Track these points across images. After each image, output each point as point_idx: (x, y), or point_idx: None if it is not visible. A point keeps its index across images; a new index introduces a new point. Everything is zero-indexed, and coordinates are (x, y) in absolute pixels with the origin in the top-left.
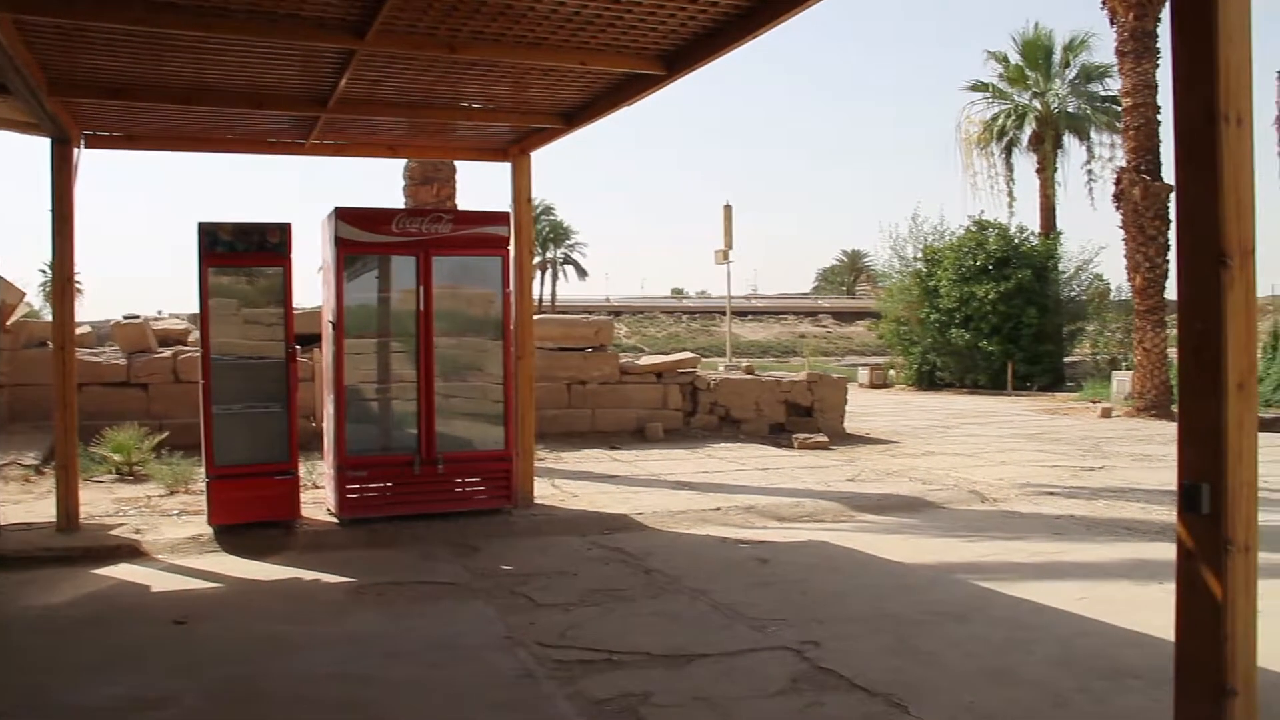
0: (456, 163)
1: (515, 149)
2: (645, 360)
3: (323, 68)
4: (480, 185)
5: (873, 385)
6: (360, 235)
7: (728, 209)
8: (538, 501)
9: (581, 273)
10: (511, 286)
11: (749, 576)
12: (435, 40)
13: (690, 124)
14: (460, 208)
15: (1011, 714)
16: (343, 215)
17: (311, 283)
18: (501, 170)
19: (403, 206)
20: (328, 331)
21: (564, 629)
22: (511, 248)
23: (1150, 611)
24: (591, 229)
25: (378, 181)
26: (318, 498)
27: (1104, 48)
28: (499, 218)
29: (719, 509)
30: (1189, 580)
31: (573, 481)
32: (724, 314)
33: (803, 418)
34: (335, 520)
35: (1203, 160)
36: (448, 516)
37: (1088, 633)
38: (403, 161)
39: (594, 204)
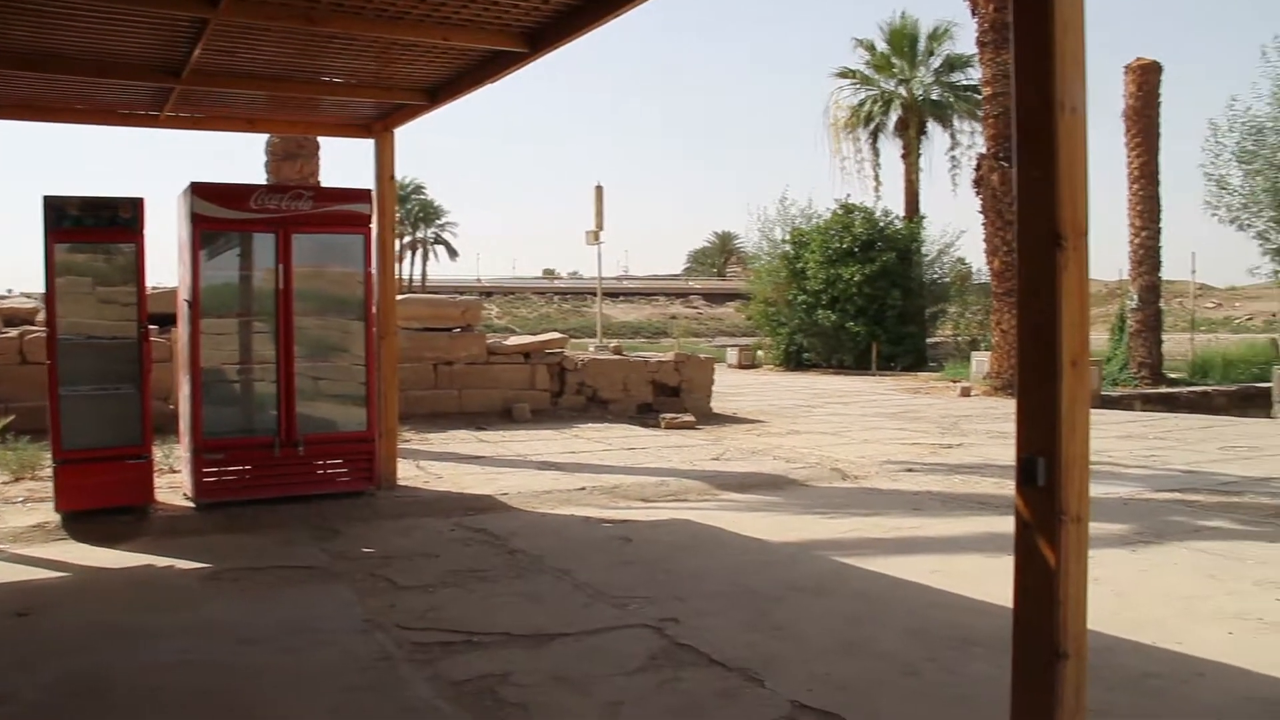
0: (321, 139)
1: (379, 125)
2: (513, 341)
3: (175, 37)
4: (346, 162)
5: (741, 366)
6: (217, 212)
7: (599, 190)
8: (401, 483)
9: (453, 253)
10: (374, 265)
11: (612, 556)
12: (292, 11)
13: (563, 105)
14: (324, 185)
15: (864, 684)
16: (199, 191)
17: (173, 261)
18: (367, 147)
19: (264, 183)
20: (183, 311)
21: (424, 611)
22: (374, 226)
23: (999, 582)
24: (463, 209)
25: (238, 157)
26: (174, 482)
27: (966, 38)
28: (361, 195)
29: (584, 489)
30: (1026, 550)
31: (438, 463)
32: (595, 295)
33: (670, 397)
34: (192, 505)
35: (1040, 146)
36: (309, 499)
37: (939, 604)
38: (265, 137)
39: (466, 184)
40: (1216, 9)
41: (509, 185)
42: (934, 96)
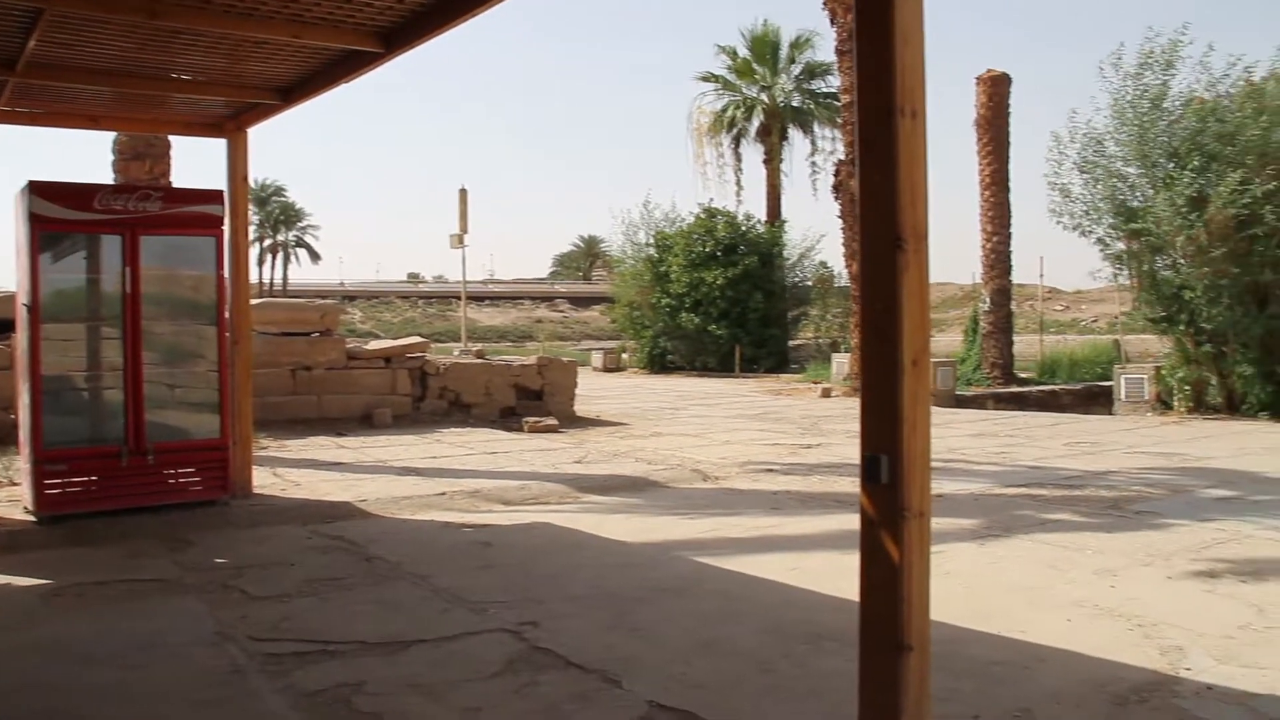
0: (172, 138)
1: (231, 125)
2: (374, 345)
3: (8, 26)
4: (200, 163)
5: (606, 369)
6: (59, 212)
7: (463, 193)
8: (257, 491)
9: (315, 256)
10: (227, 268)
11: (472, 560)
12: (133, 4)
13: (428, 109)
14: (174, 186)
15: (720, 682)
16: (38, 190)
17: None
18: (222, 147)
19: (110, 182)
20: (22, 316)
21: (278, 621)
22: (227, 228)
23: (851, 578)
24: (327, 212)
25: (84, 156)
26: (15, 495)
27: (827, 46)
28: (213, 196)
29: (444, 494)
30: (871, 546)
31: (296, 470)
32: (460, 299)
33: (533, 401)
34: (33, 518)
35: (881, 150)
36: (159, 510)
37: (795, 601)
38: (112, 135)
39: (330, 187)
40: (1067, 25)
41: (374, 189)
42: (795, 103)
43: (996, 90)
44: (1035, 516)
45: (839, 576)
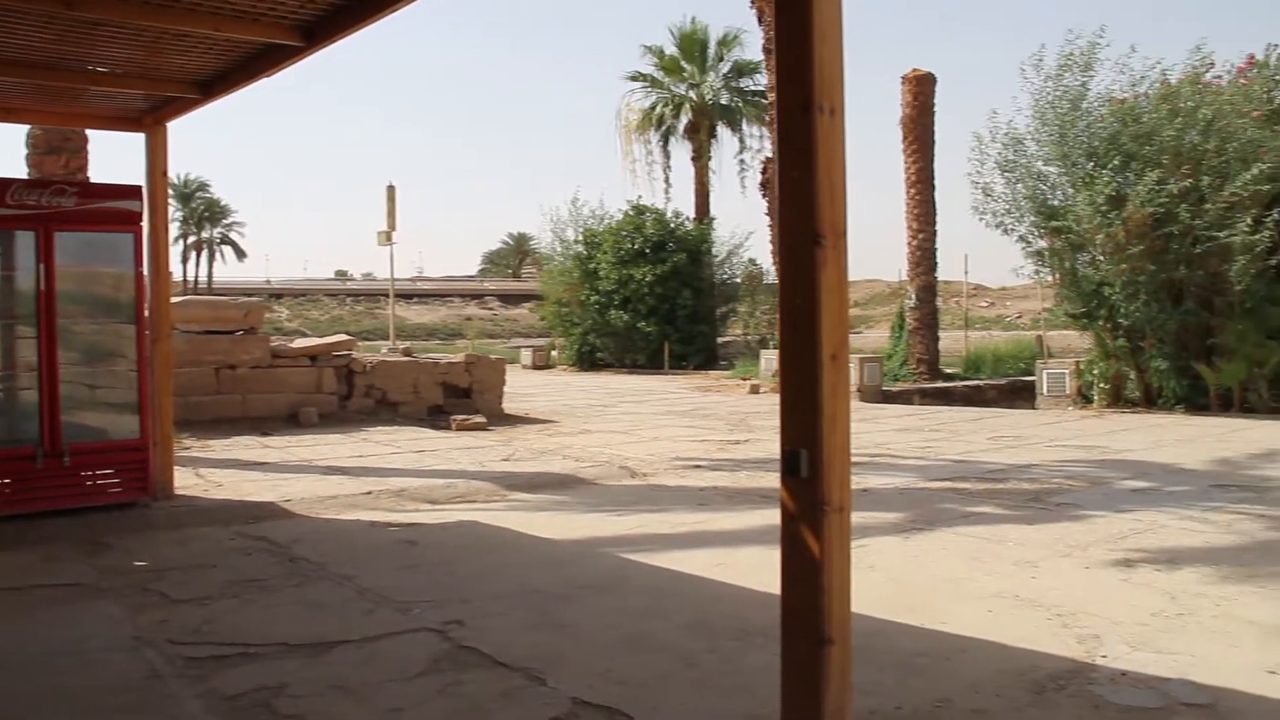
0: (90, 132)
1: (150, 119)
2: (299, 343)
3: None
4: (119, 158)
5: (535, 366)
6: None
7: (391, 190)
8: (179, 492)
9: (240, 253)
10: (146, 265)
11: (397, 560)
12: None
13: (356, 105)
14: (91, 180)
15: (645, 678)
16: None
17: None
18: (141, 141)
19: (23, 177)
20: None
21: (199, 624)
22: (146, 224)
23: (777, 573)
24: (252, 209)
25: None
26: None
27: (755, 44)
28: (131, 191)
29: (370, 493)
30: (791, 540)
31: (219, 470)
32: (389, 297)
33: (462, 399)
34: None
35: (800, 147)
36: (77, 513)
37: (721, 596)
38: (25, 128)
39: (255, 183)
40: (997, 24)
41: (301, 186)
42: (724, 101)
43: (921, 89)
44: (959, 510)
45: (766, 571)
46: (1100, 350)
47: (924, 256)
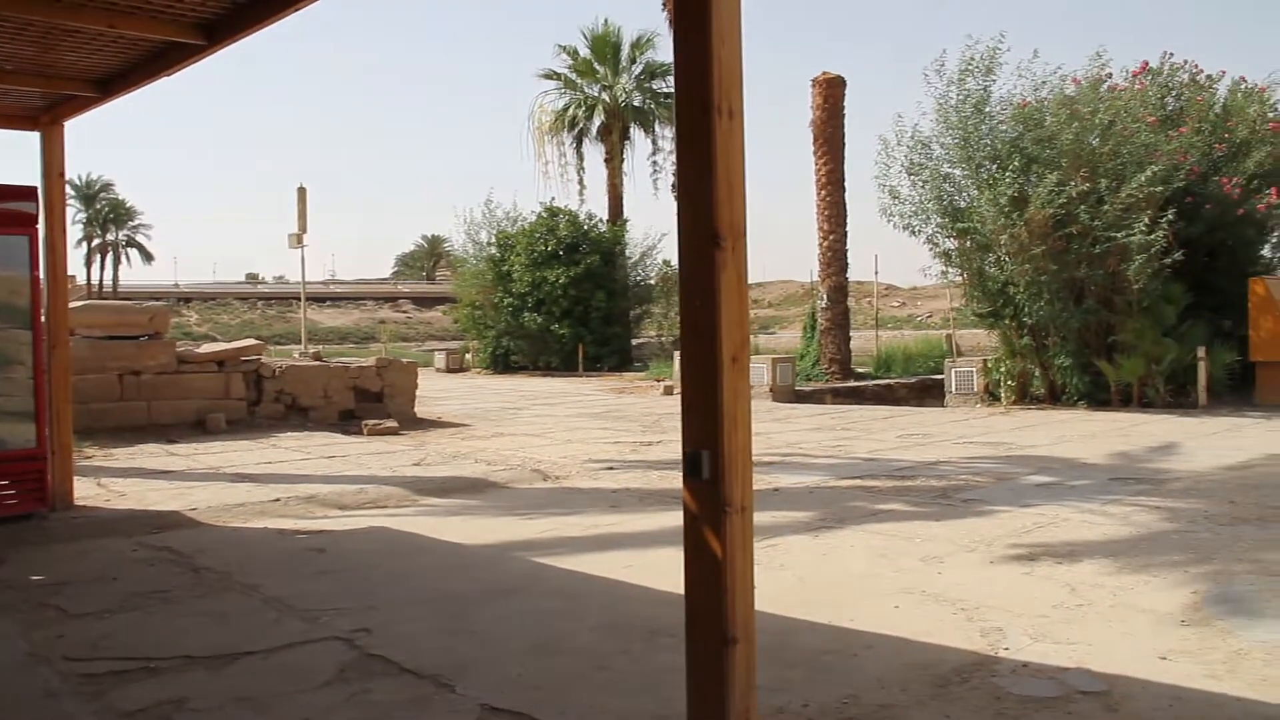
0: None
1: (46, 117)
2: (207, 348)
3: None
4: (13, 159)
5: (450, 370)
6: None
7: (302, 192)
8: (80, 503)
9: (147, 256)
10: (43, 269)
11: (305, 567)
12: None
13: (267, 106)
14: None
15: (556, 681)
16: None
17: None
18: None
19: None
20: None
21: (97, 639)
22: (42, 226)
23: None
24: (160, 211)
25: None
26: None
27: (667, 46)
28: (26, 193)
29: (279, 500)
30: (694, 541)
31: (123, 479)
32: (300, 300)
33: (373, 404)
34: None
35: (699, 148)
36: None
37: (632, 597)
38: None
39: (163, 185)
40: (906, 28)
41: (210, 188)
42: (637, 102)
43: (832, 93)
44: (868, 507)
45: (677, 572)
46: (1006, 348)
47: (835, 257)
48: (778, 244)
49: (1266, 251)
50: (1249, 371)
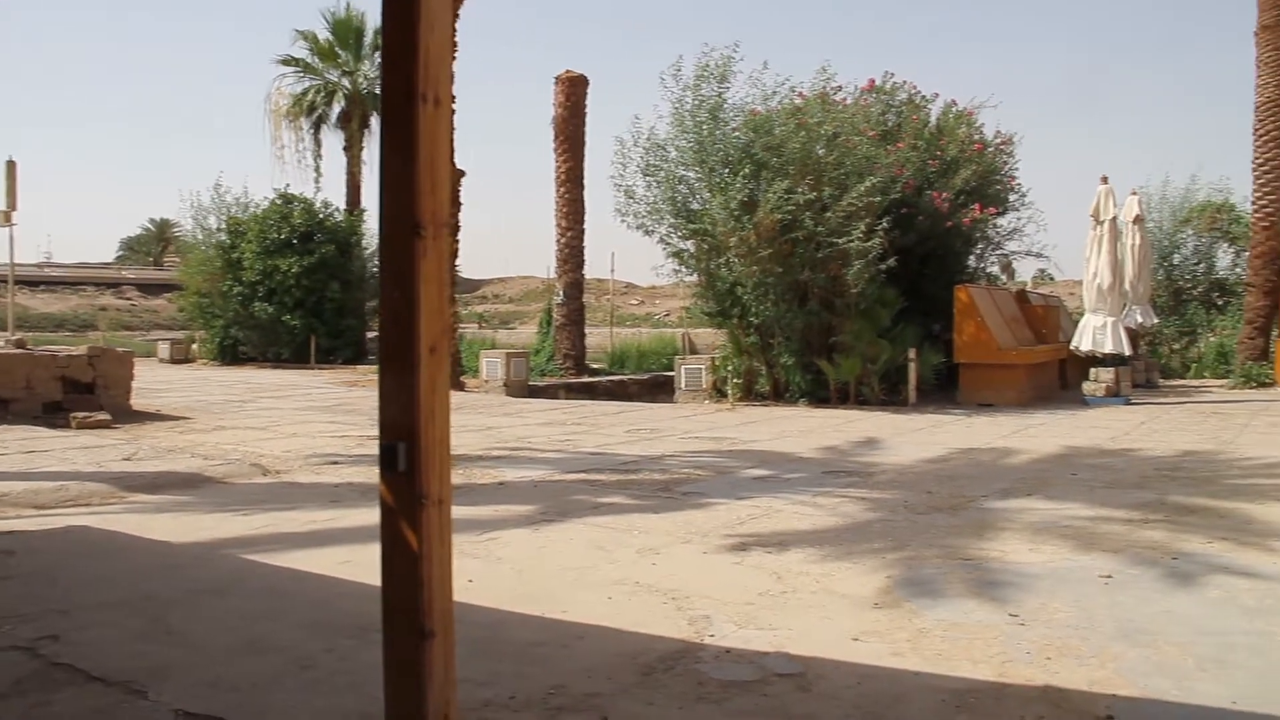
0: None
1: None
2: None
3: None
4: None
5: (174, 360)
6: None
7: (11, 165)
8: None
9: None
10: None
11: None
12: None
13: None
14: None
15: (256, 682)
16: None
17: None
18: None
19: None
20: None
21: None
22: None
23: None
24: None
25: None
26: None
27: None
28: None
29: None
30: (391, 535)
31: None
32: (7, 283)
33: (84, 395)
34: None
35: (402, 135)
36: None
37: (346, 594)
38: None
39: None
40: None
41: None
42: (378, 90)
43: (574, 90)
44: (590, 500)
45: None
46: (734, 347)
47: (572, 254)
48: (520, 240)
49: (972, 262)
50: (954, 372)
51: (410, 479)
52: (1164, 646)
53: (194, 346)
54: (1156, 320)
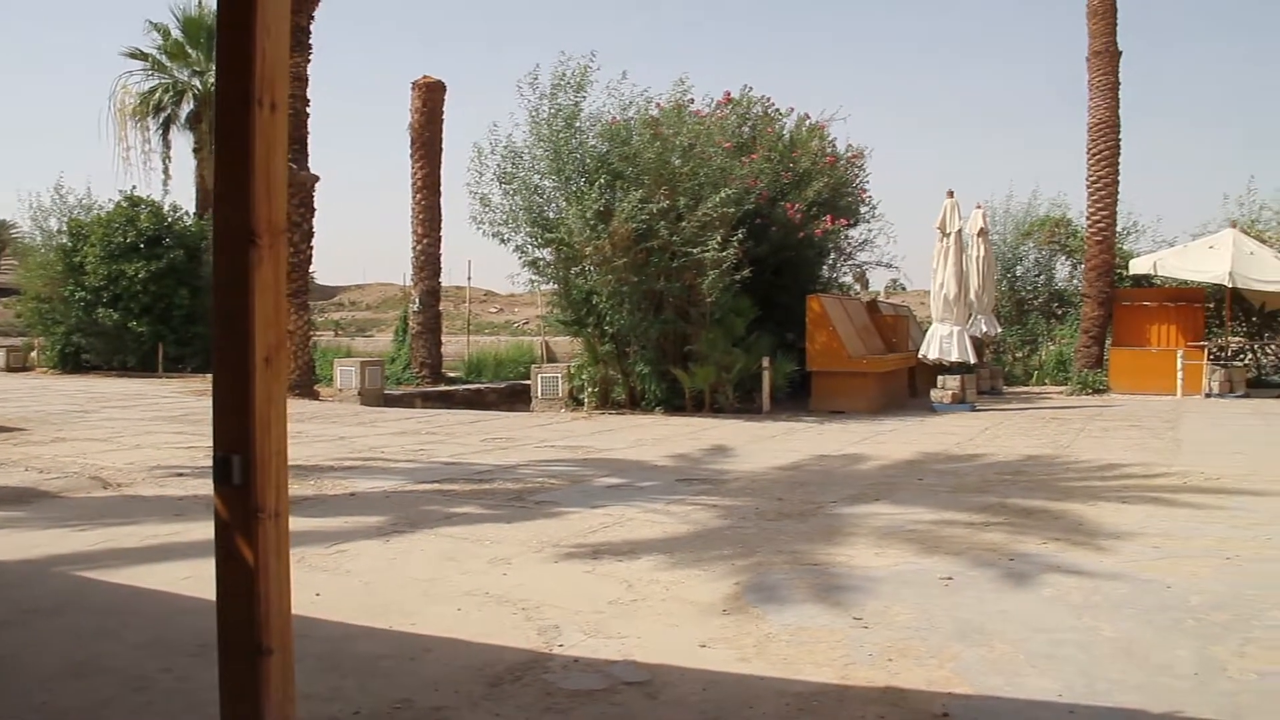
0: None
1: None
2: None
3: None
4: None
5: (11, 369)
6: None
7: None
8: None
9: None
10: None
11: None
12: None
13: None
14: None
15: (86, 706)
16: None
17: None
18: None
19: None
20: None
21: None
22: None
23: None
24: None
25: None
26: None
27: None
28: None
29: None
30: (225, 549)
31: None
32: None
33: None
34: None
35: (237, 141)
36: None
37: (187, 610)
38: None
39: None
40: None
41: None
42: None
43: (431, 97)
44: (442, 511)
45: None
46: (590, 355)
47: (429, 261)
48: (379, 246)
49: (825, 272)
50: (807, 380)
51: (245, 492)
52: (998, 645)
53: (33, 354)
54: (1000, 329)
